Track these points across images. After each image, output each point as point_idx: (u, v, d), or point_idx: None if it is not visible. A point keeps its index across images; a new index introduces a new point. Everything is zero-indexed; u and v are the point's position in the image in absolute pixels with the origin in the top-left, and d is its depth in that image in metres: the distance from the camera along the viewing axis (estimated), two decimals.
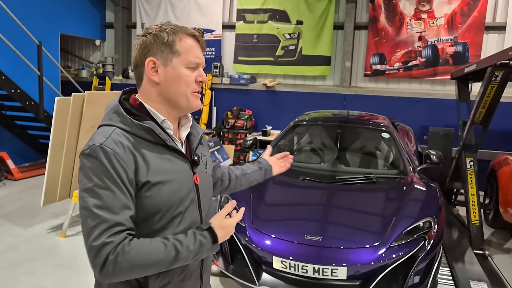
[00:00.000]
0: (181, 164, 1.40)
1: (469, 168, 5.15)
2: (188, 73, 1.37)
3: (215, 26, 9.01)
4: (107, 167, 1.23)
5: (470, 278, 3.73)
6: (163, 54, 1.34)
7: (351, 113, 5.80)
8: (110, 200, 1.22)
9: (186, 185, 1.40)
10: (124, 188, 1.24)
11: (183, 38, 1.36)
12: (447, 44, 7.83)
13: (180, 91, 1.37)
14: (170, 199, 1.34)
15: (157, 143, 1.34)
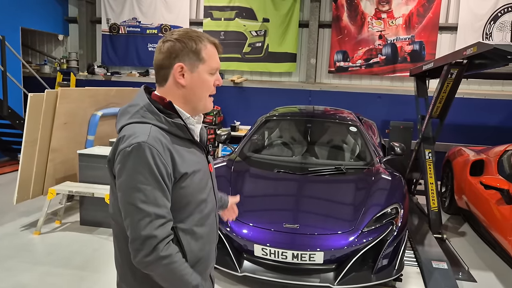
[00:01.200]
0: (201, 155, 1.58)
1: (428, 159, 5.56)
2: (210, 79, 1.52)
3: (182, 22, 9.04)
4: (150, 165, 1.35)
5: (432, 259, 4.08)
6: (191, 61, 1.48)
7: (319, 108, 6.07)
8: (153, 196, 1.36)
9: (206, 173, 1.58)
10: (163, 183, 1.38)
11: (207, 46, 1.49)
12: (405, 43, 8.29)
13: (202, 95, 1.53)
14: (199, 186, 1.51)
15: (185, 138, 1.50)
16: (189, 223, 1.50)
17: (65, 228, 4.96)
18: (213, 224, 1.63)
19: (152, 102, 1.49)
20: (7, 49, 6.86)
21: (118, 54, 9.41)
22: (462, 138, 7.71)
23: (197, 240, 1.53)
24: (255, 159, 4.67)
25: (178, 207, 1.46)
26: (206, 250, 1.58)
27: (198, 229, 1.53)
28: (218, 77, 1.56)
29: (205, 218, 1.56)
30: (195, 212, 1.51)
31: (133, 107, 1.48)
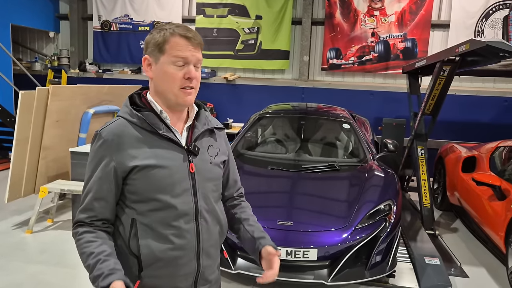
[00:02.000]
0: (174, 152, 1.50)
1: (420, 156, 5.59)
2: (173, 71, 1.45)
3: (175, 19, 8.96)
4: (96, 153, 1.49)
5: (424, 255, 4.11)
6: (154, 52, 1.48)
7: (312, 106, 6.08)
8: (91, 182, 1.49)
9: (179, 172, 1.49)
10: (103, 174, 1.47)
11: (173, 38, 1.45)
12: (397, 40, 8.31)
13: (167, 87, 1.48)
14: (159, 183, 1.46)
15: (152, 132, 1.48)
16: (150, 219, 1.47)
17: (58, 227, 4.93)
18: (189, 231, 1.50)
19: (133, 96, 1.56)
20: None
21: (110, 51, 9.34)
22: (455, 135, 7.76)
23: (158, 239, 1.46)
24: (248, 156, 4.66)
25: (135, 200, 1.48)
26: (172, 254, 1.47)
27: (161, 229, 1.47)
28: (189, 69, 1.47)
29: (173, 221, 1.47)
30: (158, 211, 1.47)
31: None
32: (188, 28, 1.50)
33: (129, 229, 1.47)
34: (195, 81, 1.49)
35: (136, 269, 1.48)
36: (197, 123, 1.60)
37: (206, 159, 1.59)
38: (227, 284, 3.72)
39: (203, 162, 1.57)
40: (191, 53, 1.46)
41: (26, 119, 4.62)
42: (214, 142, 1.65)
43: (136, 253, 1.47)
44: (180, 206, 1.48)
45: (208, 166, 1.59)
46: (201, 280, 1.58)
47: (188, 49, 1.46)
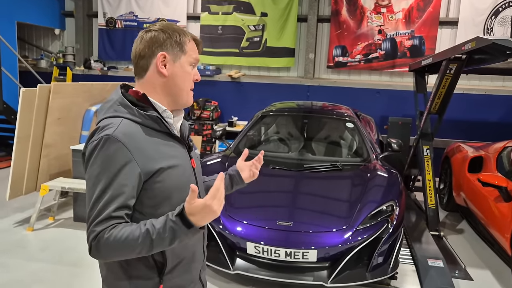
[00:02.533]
0: (181, 150, 1.52)
1: (426, 155, 5.49)
2: (190, 71, 1.51)
3: (180, 17, 8.95)
4: (113, 159, 1.33)
5: (428, 257, 4.03)
6: (174, 51, 1.47)
7: (316, 104, 6.01)
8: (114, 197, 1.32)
9: (188, 169, 1.52)
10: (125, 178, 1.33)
11: (190, 40, 1.51)
12: (404, 38, 8.19)
13: (184, 86, 1.51)
14: (179, 182, 1.44)
15: (161, 131, 1.45)
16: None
17: (59, 225, 4.92)
18: None
19: (125, 96, 1.46)
20: (2, 44, 6.79)
21: (115, 49, 9.33)
22: (462, 134, 7.64)
23: None
24: (250, 155, 4.59)
25: (155, 203, 1.41)
26: (190, 250, 1.53)
27: None
28: (197, 72, 1.55)
29: None
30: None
31: (108, 102, 1.47)
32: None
33: None
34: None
35: (157, 276, 1.45)
36: (184, 122, 1.63)
37: (197, 153, 1.68)
38: (226, 285, 3.68)
39: (196, 157, 1.63)
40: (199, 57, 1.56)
41: (28, 117, 4.61)
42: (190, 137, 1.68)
43: (161, 259, 1.44)
44: None
45: (198, 160, 1.66)
46: (203, 266, 1.66)
47: (198, 53, 1.55)
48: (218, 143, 8.04)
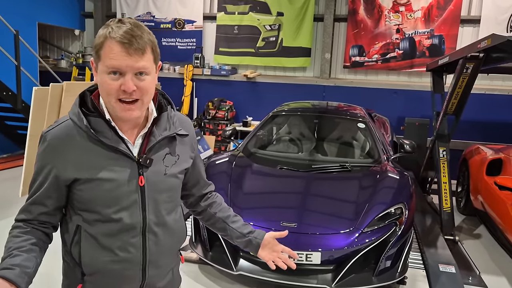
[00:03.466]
0: (122, 163, 1.37)
1: (442, 157, 5.33)
2: (108, 81, 1.28)
3: (196, 17, 8.99)
4: (39, 156, 1.39)
5: (439, 262, 3.89)
6: (95, 57, 1.33)
7: (328, 104, 5.91)
8: (33, 185, 1.41)
9: (126, 185, 1.37)
10: (43, 179, 1.38)
11: (108, 43, 1.26)
12: (423, 37, 8.00)
13: (105, 98, 1.33)
14: (104, 197, 1.35)
15: (98, 140, 1.34)
16: (95, 228, 1.39)
17: None
18: (135, 245, 1.40)
19: (86, 94, 1.41)
20: (23, 45, 6.95)
21: None
22: (483, 136, 7.39)
23: (101, 250, 1.39)
24: (258, 155, 4.56)
25: (81, 208, 1.39)
26: (114, 267, 1.40)
27: (105, 240, 1.38)
28: (124, 80, 1.27)
29: (118, 234, 1.38)
30: (103, 222, 1.38)
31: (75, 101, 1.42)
32: (131, 30, 1.27)
33: (72, 235, 1.41)
34: (137, 92, 1.30)
35: (80, 273, 1.42)
36: (155, 130, 1.44)
37: (160, 170, 1.44)
38: (229, 285, 3.64)
39: (155, 174, 1.43)
40: (126, 62, 1.26)
41: (40, 115, 4.69)
42: (173, 149, 1.49)
43: (77, 260, 1.41)
44: (126, 220, 1.38)
45: (161, 178, 1.45)
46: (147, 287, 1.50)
47: (123, 58, 1.25)
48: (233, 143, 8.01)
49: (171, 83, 8.90)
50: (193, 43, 9.05)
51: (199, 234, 3.80)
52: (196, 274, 3.82)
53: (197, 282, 3.68)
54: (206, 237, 3.70)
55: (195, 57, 8.85)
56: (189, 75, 8.75)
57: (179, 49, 9.18)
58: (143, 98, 1.33)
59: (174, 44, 9.19)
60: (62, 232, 1.47)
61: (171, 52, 9.20)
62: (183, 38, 9.11)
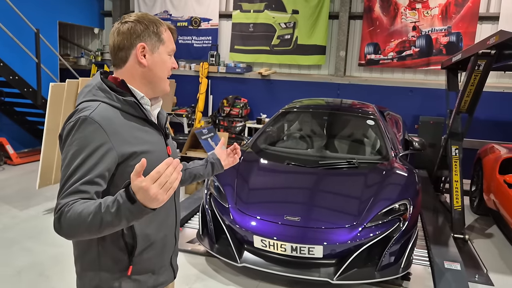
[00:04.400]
0: (157, 136, 1.57)
1: (454, 155, 5.27)
2: (169, 60, 1.57)
3: (212, 15, 9.09)
4: (89, 139, 1.35)
5: (445, 259, 3.87)
6: (152, 41, 1.51)
7: (337, 101, 5.92)
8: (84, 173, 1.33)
9: (163, 156, 1.51)
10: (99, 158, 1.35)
11: (167, 30, 1.57)
12: (441, 34, 7.89)
13: (162, 75, 1.56)
14: (152, 167, 1.37)
15: (138, 117, 1.50)
16: None
17: None
18: (170, 209, 1.63)
19: (104, 81, 1.50)
20: (43, 43, 7.17)
21: None
22: (500, 135, 7.24)
23: (150, 222, 1.51)
24: (266, 151, 4.62)
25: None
26: (161, 234, 1.57)
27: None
28: (174, 60, 1.60)
29: None
30: None
31: (87, 87, 1.51)
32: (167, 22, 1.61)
33: None
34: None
35: (126, 257, 1.49)
36: (161, 111, 1.68)
37: (171, 141, 1.70)
38: (234, 277, 3.71)
39: (172, 143, 1.69)
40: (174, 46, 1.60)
41: (57, 110, 4.85)
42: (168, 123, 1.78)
43: (131, 241, 1.47)
44: None
45: (174, 146, 1.73)
46: (175, 253, 1.72)
47: (173, 43, 1.59)
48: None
49: (187, 81, 9.04)
50: (208, 41, 9.15)
51: (206, 228, 3.88)
52: (203, 266, 3.90)
53: (204, 274, 3.76)
54: (212, 230, 3.78)
55: (211, 55, 8.95)
56: (205, 72, 8.85)
57: (195, 47, 9.30)
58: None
59: (190, 42, 9.31)
60: None
61: (187, 50, 9.33)
62: (199, 36, 9.23)
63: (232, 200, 3.74)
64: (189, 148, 6.67)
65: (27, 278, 3.66)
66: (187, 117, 8.88)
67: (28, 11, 7.18)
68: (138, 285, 1.54)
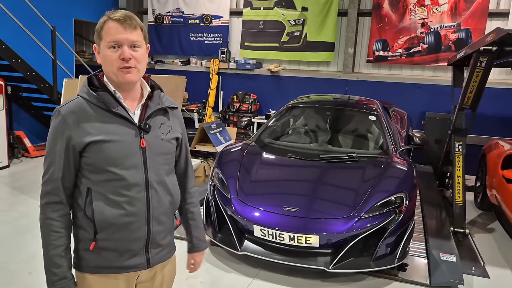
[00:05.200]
0: (126, 128, 1.65)
1: (458, 151, 5.32)
2: (110, 53, 1.59)
3: (223, 12, 9.24)
4: (55, 130, 1.62)
5: (442, 252, 3.96)
6: (97, 40, 1.65)
7: (342, 97, 6.01)
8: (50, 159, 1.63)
9: (130, 147, 1.64)
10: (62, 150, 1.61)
11: (107, 24, 1.59)
12: (450, 31, 7.90)
13: (108, 69, 1.63)
14: (111, 156, 1.61)
15: (106, 110, 1.63)
16: (104, 188, 1.63)
17: None
18: (140, 200, 1.66)
19: (91, 77, 1.70)
20: (59, 40, 7.43)
21: (162, 44, 9.81)
22: (507, 132, 7.24)
23: (111, 206, 1.63)
24: (269, 144, 4.76)
25: (91, 170, 1.63)
26: (124, 220, 1.64)
27: (114, 197, 1.63)
28: (123, 50, 1.58)
29: (125, 190, 1.63)
30: (111, 181, 1.62)
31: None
32: (125, 13, 1.61)
33: (85, 197, 1.64)
34: (133, 61, 1.61)
35: (92, 233, 1.65)
36: (150, 103, 1.74)
37: (158, 135, 1.73)
38: (236, 265, 3.87)
39: (154, 138, 1.72)
40: (123, 36, 1.58)
41: None
42: (167, 120, 1.79)
43: (91, 218, 1.64)
44: (131, 177, 1.64)
45: (159, 142, 1.73)
46: (153, 244, 1.74)
47: (119, 32, 1.57)
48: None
49: (198, 77, 9.22)
50: (219, 38, 9.31)
51: (210, 218, 4.05)
52: (207, 254, 4.07)
53: (207, 262, 3.93)
54: (215, 220, 3.95)
55: (221, 52, 9.11)
56: (215, 69, 9.02)
57: (206, 43, 9.47)
58: (137, 66, 1.63)
59: (201, 39, 9.49)
60: (75, 198, 1.68)
61: (199, 47, 9.51)
62: (210, 33, 9.40)
63: (234, 191, 3.90)
64: (198, 142, 6.85)
65: (39, 263, 3.87)
66: (197, 112, 9.07)
67: (45, 9, 7.43)
68: (102, 260, 1.69)
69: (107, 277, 1.70)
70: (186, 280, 3.58)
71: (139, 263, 1.73)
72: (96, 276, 1.69)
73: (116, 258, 1.69)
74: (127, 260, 1.70)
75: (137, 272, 1.75)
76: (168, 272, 1.90)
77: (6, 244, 4.15)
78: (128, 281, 1.74)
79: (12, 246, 4.12)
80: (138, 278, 1.77)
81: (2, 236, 4.32)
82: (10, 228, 4.52)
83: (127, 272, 1.72)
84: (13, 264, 3.76)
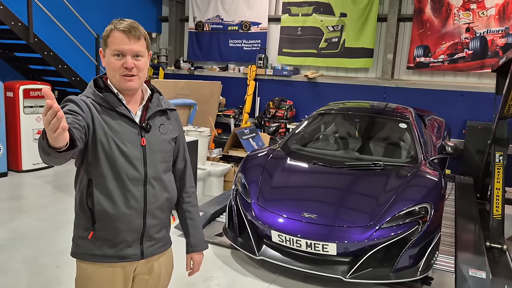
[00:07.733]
0: (128, 127, 1.76)
1: (498, 162, 5.04)
2: (114, 61, 1.70)
3: (262, 19, 9.33)
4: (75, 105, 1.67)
5: (471, 267, 3.75)
6: (103, 46, 1.75)
7: (371, 104, 5.87)
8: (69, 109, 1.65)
9: (132, 143, 1.75)
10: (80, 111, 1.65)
11: (113, 33, 1.70)
12: (497, 36, 7.52)
13: (111, 75, 1.75)
14: (114, 151, 1.71)
15: (111, 109, 1.74)
16: (104, 181, 1.71)
17: None
18: (138, 194, 1.76)
19: (97, 79, 1.81)
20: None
21: (202, 50, 10.04)
22: None
23: (110, 198, 1.72)
24: (295, 150, 4.72)
25: (92, 162, 1.71)
26: (121, 212, 1.73)
27: (114, 189, 1.72)
28: (127, 60, 1.69)
29: (123, 184, 1.73)
30: (111, 175, 1.71)
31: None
32: (130, 23, 1.71)
33: (86, 188, 1.74)
34: (135, 69, 1.72)
35: (90, 222, 1.76)
36: (150, 105, 1.85)
37: (157, 135, 1.84)
38: (254, 270, 3.87)
39: (153, 138, 1.82)
40: (127, 46, 1.69)
41: None
42: (165, 121, 1.89)
43: (91, 208, 1.74)
44: (131, 172, 1.74)
45: (158, 141, 1.84)
46: (146, 237, 1.84)
47: (124, 43, 1.68)
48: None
49: (235, 83, 9.34)
50: (258, 44, 9.40)
51: (232, 222, 4.09)
52: (228, 257, 4.10)
53: (226, 265, 3.95)
54: (236, 224, 3.98)
55: (259, 58, 9.18)
56: (253, 75, 9.10)
57: (244, 50, 9.59)
58: (139, 74, 1.74)
59: (240, 45, 9.62)
60: (77, 188, 1.79)
61: (237, 53, 9.65)
62: (249, 40, 9.51)
63: (255, 196, 3.91)
64: (231, 147, 6.93)
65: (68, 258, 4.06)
66: (234, 117, 9.17)
67: (90, 18, 7.84)
68: (98, 249, 1.77)
69: (105, 266, 1.79)
70: (204, 282, 3.62)
71: (133, 254, 1.82)
72: (94, 266, 1.79)
73: (111, 247, 1.78)
74: (121, 250, 1.79)
75: (134, 263, 1.84)
76: (164, 266, 1.97)
77: (40, 238, 4.39)
78: (125, 272, 1.83)
79: (45, 240, 4.34)
80: (136, 270, 1.86)
81: (38, 231, 4.57)
82: (46, 224, 4.77)
83: (122, 261, 1.80)
84: (43, 257, 3.96)
